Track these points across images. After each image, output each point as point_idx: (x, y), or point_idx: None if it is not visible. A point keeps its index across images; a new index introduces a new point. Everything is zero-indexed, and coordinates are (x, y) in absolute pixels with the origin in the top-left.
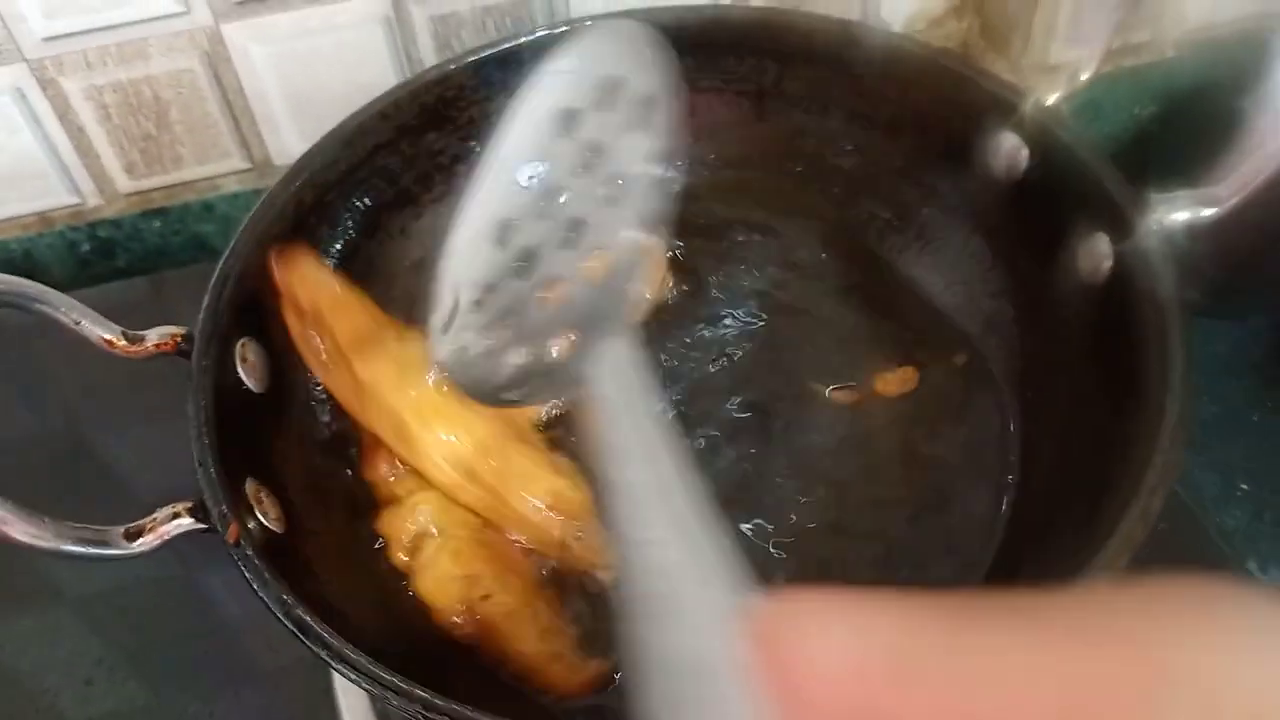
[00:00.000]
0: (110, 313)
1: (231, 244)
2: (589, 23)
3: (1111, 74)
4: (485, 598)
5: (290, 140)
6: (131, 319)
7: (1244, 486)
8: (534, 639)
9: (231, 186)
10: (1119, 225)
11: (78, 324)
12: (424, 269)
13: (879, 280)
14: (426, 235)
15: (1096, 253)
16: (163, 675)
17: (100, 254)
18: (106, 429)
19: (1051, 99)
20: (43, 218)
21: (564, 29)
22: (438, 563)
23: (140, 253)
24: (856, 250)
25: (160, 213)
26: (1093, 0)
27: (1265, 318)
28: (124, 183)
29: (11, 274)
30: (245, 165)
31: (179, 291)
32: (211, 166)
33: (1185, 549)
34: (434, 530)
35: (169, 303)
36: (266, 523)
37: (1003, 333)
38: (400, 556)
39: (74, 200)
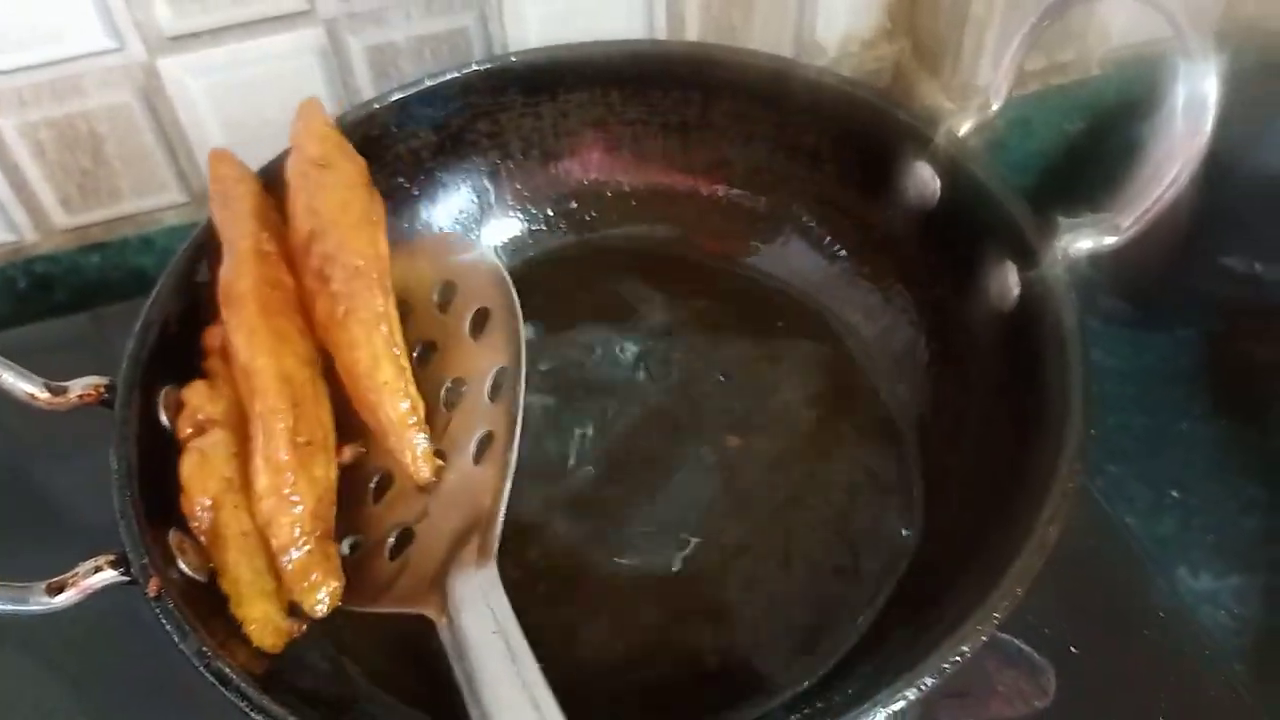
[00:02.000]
0: (49, 350)
1: (155, 292)
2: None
3: (1041, 91)
4: (234, 507)
5: None
6: (70, 357)
7: (1174, 494)
8: (249, 571)
9: (170, 220)
10: (1025, 253)
11: None
12: None
13: (793, 310)
14: None
15: (1005, 281)
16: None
17: (38, 290)
18: (48, 468)
19: (964, 129)
20: None
21: (488, 65)
22: (213, 453)
23: (79, 288)
24: (770, 278)
25: (99, 247)
26: (1008, 24)
27: (1190, 329)
28: (61, 218)
29: None
30: (184, 199)
31: (118, 328)
32: (150, 200)
33: (1113, 562)
34: (223, 425)
35: (108, 340)
36: (190, 571)
37: (913, 364)
38: (184, 427)
39: (11, 238)
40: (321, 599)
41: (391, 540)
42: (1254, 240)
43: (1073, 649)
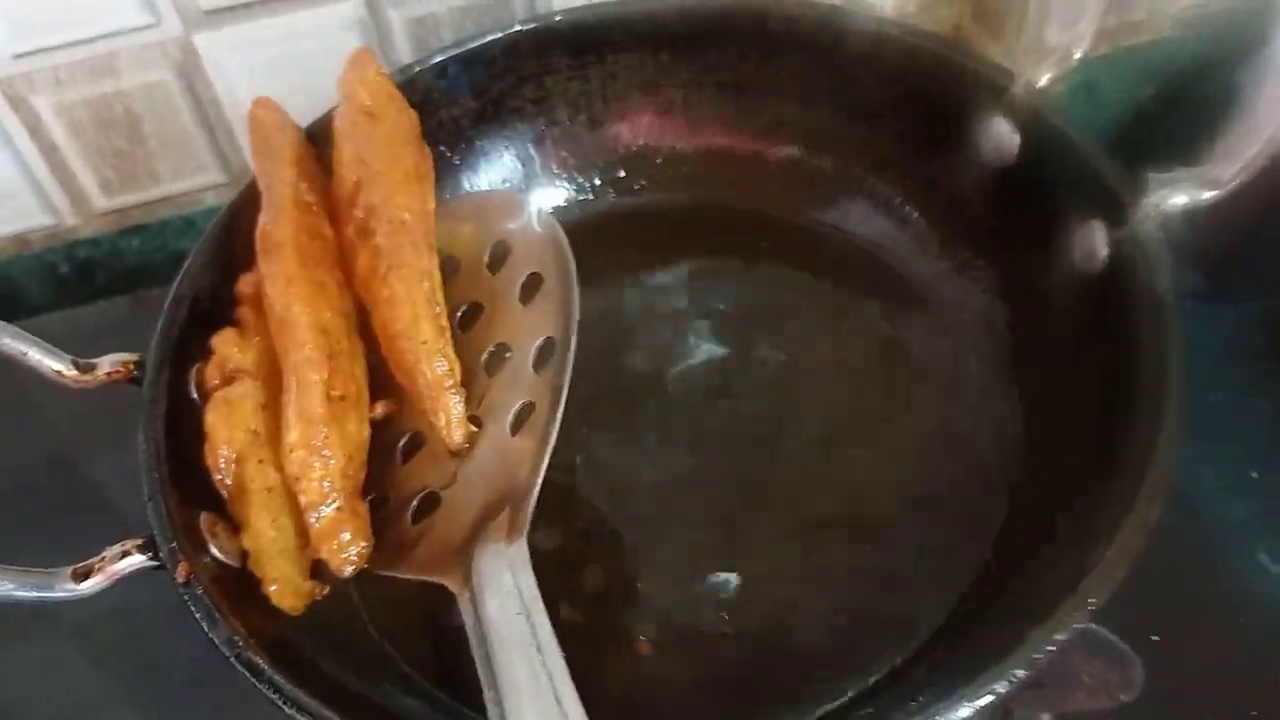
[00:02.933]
0: (91, 335)
1: (185, 266)
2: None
3: (1109, 54)
4: (260, 461)
5: None
6: (112, 341)
7: (1253, 475)
8: (272, 528)
9: (210, 200)
10: (1114, 212)
11: (24, 355)
12: None
13: (864, 277)
14: None
15: (1091, 242)
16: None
17: (79, 275)
18: (84, 447)
19: (1042, 81)
20: (18, 240)
21: (532, 26)
22: (241, 403)
23: (120, 272)
24: (843, 246)
25: (139, 230)
26: None
27: (1268, 301)
28: (100, 201)
29: None
30: (223, 179)
31: (160, 311)
32: (189, 181)
33: (1188, 546)
34: (253, 375)
35: (151, 323)
36: (222, 556)
37: (995, 330)
38: (212, 376)
39: (50, 221)
40: (350, 557)
41: (415, 503)
42: None
43: (1153, 636)
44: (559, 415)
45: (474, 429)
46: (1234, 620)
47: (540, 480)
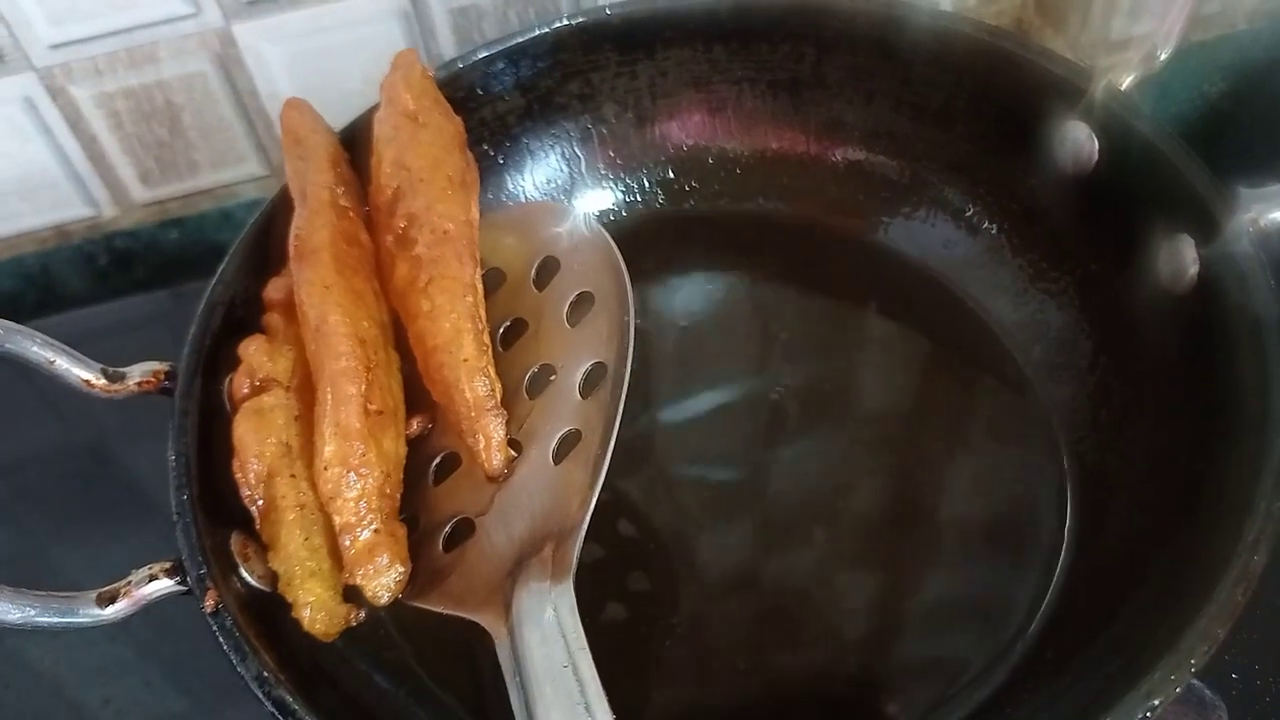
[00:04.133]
0: (130, 329)
1: (219, 270)
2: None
3: (1179, 49)
4: (291, 476)
5: None
6: (151, 336)
7: None
8: (304, 548)
9: (250, 193)
10: (1206, 226)
11: (52, 363)
12: None
13: (929, 295)
14: None
15: (1180, 258)
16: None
17: (118, 266)
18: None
19: (1125, 82)
20: (59, 231)
21: (580, 20)
22: (272, 415)
23: (159, 264)
24: (900, 258)
25: (178, 223)
26: None
27: None
28: (139, 192)
29: (31, 290)
30: (263, 171)
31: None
32: (228, 173)
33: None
34: (286, 385)
35: (190, 318)
36: (253, 580)
37: (1069, 356)
38: (240, 385)
39: (89, 212)
40: (387, 584)
41: (448, 529)
42: None
43: (1233, 675)
44: (610, 447)
45: (513, 454)
46: None
47: (589, 516)
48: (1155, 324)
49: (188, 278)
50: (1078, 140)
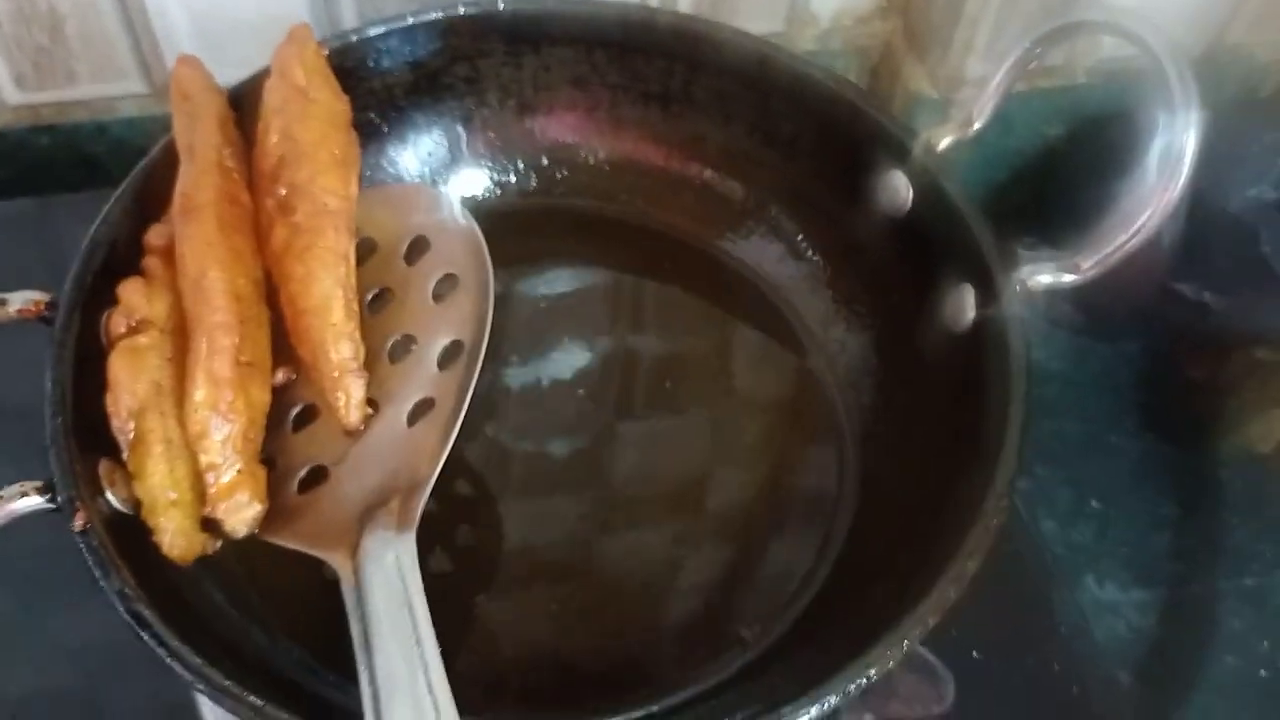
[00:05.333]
0: None
1: (105, 210)
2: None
3: (1024, 92)
4: (160, 414)
5: None
6: (13, 243)
7: (1094, 504)
8: (168, 479)
9: (128, 110)
10: (984, 280)
11: None
12: None
13: (758, 302)
14: None
15: (961, 303)
16: None
17: None
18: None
19: (942, 143)
20: None
21: (474, 10)
22: (146, 355)
23: (26, 167)
24: (738, 267)
25: (49, 129)
26: (1000, 24)
27: (1134, 344)
28: (12, 94)
29: None
30: (144, 89)
31: (65, 219)
32: (108, 86)
33: (1020, 568)
34: (161, 328)
35: (55, 230)
36: (118, 503)
37: (862, 373)
38: (118, 324)
39: None
40: (245, 519)
41: (302, 474)
42: (1208, 270)
43: (974, 654)
44: (461, 418)
45: (370, 411)
46: (1052, 639)
47: (435, 476)
48: (936, 355)
49: (56, 187)
50: (896, 188)
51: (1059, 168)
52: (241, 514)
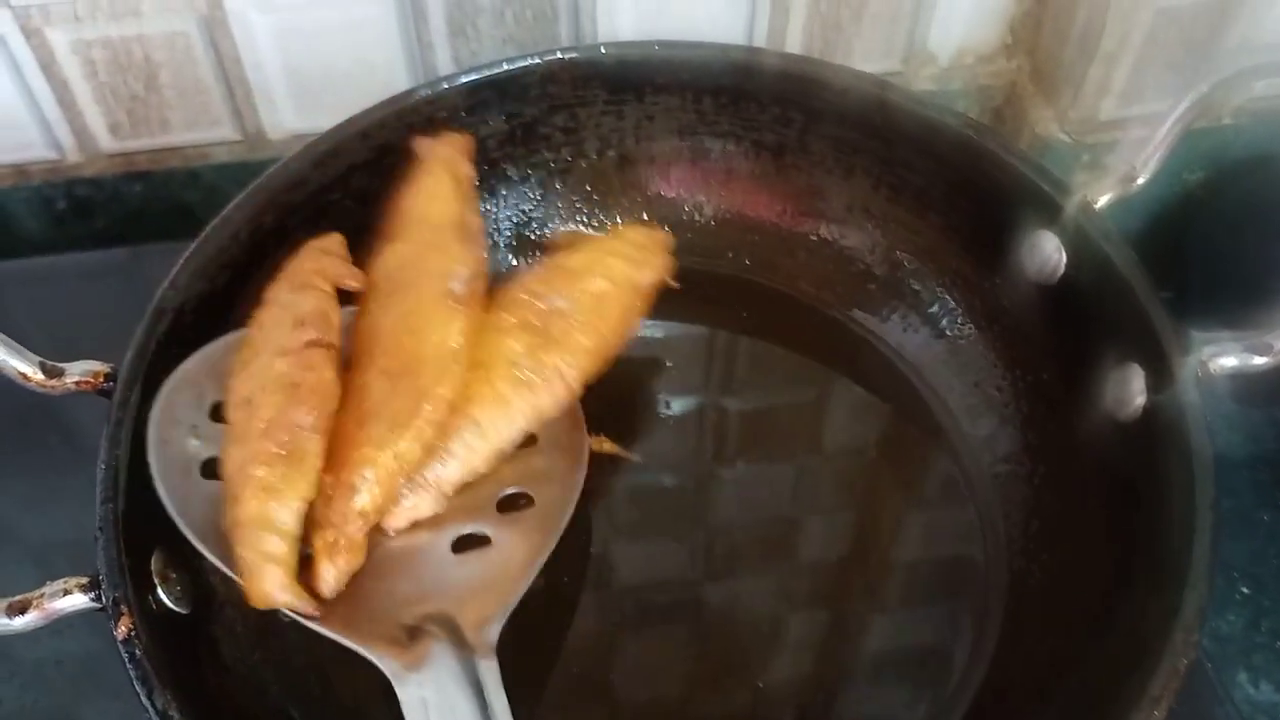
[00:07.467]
0: (85, 279)
1: (172, 274)
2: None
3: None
4: (322, 435)
5: (286, 115)
6: (107, 291)
7: (1244, 590)
8: (297, 512)
9: (221, 156)
10: (1156, 361)
11: None
12: None
13: (884, 372)
14: None
15: (1128, 386)
16: None
17: (77, 213)
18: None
19: (1100, 201)
20: (18, 170)
21: (574, 55)
22: (330, 373)
23: (120, 216)
24: (861, 332)
25: (143, 176)
26: (1142, 64)
27: None
28: (107, 142)
29: None
30: (236, 136)
31: (158, 268)
32: (201, 134)
33: None
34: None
35: (147, 279)
36: (170, 603)
37: (1010, 460)
38: (302, 332)
39: (53, 155)
40: (344, 573)
41: None
42: None
43: None
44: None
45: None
46: None
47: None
48: (1095, 446)
49: (148, 235)
50: (1046, 250)
51: (1198, 216)
52: (340, 563)
